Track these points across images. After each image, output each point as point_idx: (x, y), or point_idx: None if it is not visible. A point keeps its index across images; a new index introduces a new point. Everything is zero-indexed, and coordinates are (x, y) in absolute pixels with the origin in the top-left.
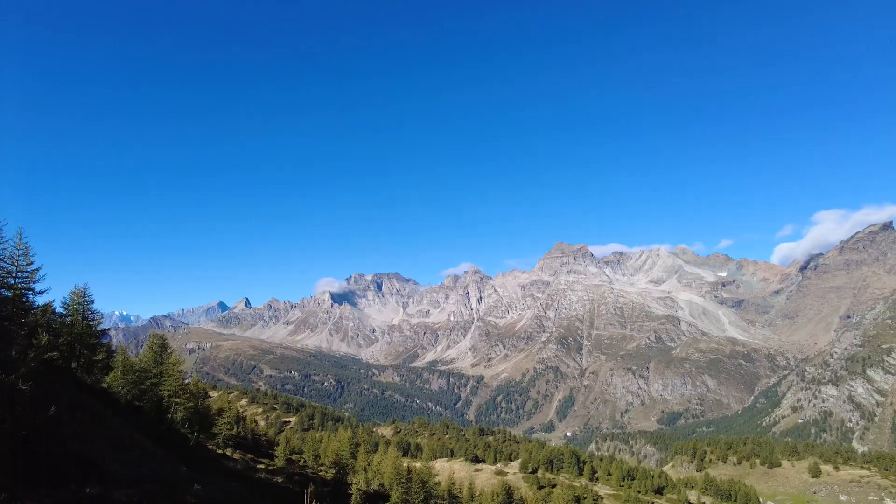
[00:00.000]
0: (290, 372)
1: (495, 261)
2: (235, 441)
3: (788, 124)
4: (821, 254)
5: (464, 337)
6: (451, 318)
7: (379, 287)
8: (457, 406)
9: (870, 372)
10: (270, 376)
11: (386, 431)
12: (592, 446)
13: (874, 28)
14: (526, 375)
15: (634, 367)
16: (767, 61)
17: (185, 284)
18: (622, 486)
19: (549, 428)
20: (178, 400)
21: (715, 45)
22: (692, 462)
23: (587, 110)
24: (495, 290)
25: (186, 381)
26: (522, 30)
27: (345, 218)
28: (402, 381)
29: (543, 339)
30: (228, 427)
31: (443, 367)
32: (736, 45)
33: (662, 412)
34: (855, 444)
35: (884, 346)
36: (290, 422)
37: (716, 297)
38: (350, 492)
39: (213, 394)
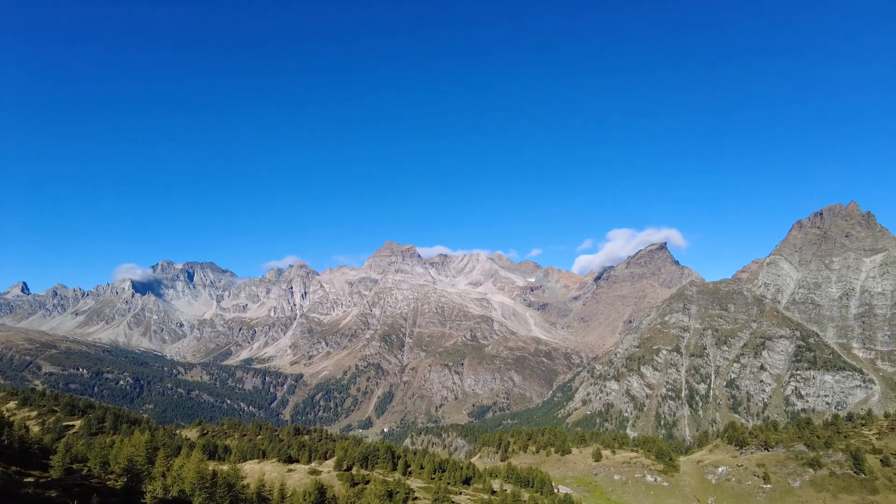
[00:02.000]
0: (78, 369)
1: (324, 256)
2: None
3: (595, 155)
4: (612, 266)
5: (284, 334)
6: (272, 314)
7: (191, 277)
8: (272, 406)
9: (643, 369)
10: (51, 374)
11: (191, 434)
12: (408, 441)
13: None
14: (347, 373)
15: (451, 364)
16: (570, 97)
17: None
18: (433, 478)
19: (367, 424)
20: None
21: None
22: (497, 452)
23: (415, 121)
24: (321, 286)
25: None
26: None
27: (152, 197)
28: (212, 380)
29: (368, 336)
30: None
31: (259, 366)
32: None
33: (474, 406)
34: (629, 430)
35: (654, 347)
36: (73, 426)
37: (525, 300)
38: (144, 501)
39: None
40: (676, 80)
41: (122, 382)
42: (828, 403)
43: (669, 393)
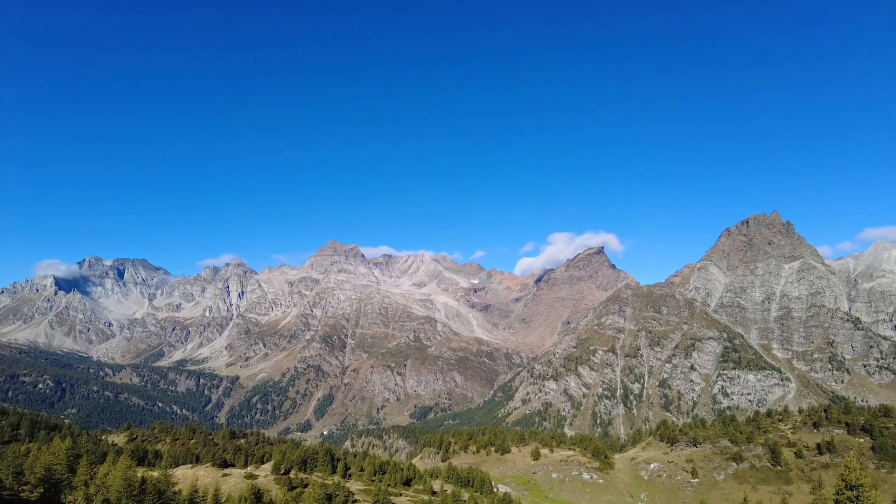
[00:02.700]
0: None
1: (263, 255)
2: None
3: (536, 160)
4: (553, 269)
5: (220, 334)
6: (207, 314)
7: (121, 275)
8: (206, 409)
9: (580, 369)
10: None
11: (118, 439)
12: (348, 443)
13: (573, 82)
14: (286, 375)
15: (393, 365)
16: (512, 105)
17: None
18: (374, 480)
19: (307, 427)
20: None
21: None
22: (438, 453)
23: (359, 119)
24: (260, 286)
25: None
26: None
27: (79, 191)
28: (143, 383)
29: (308, 337)
30: None
31: (193, 367)
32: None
33: (416, 407)
34: (566, 429)
35: (591, 348)
36: None
37: (468, 301)
38: None
39: None
40: (613, 92)
41: (40, 386)
42: (750, 401)
43: (605, 392)
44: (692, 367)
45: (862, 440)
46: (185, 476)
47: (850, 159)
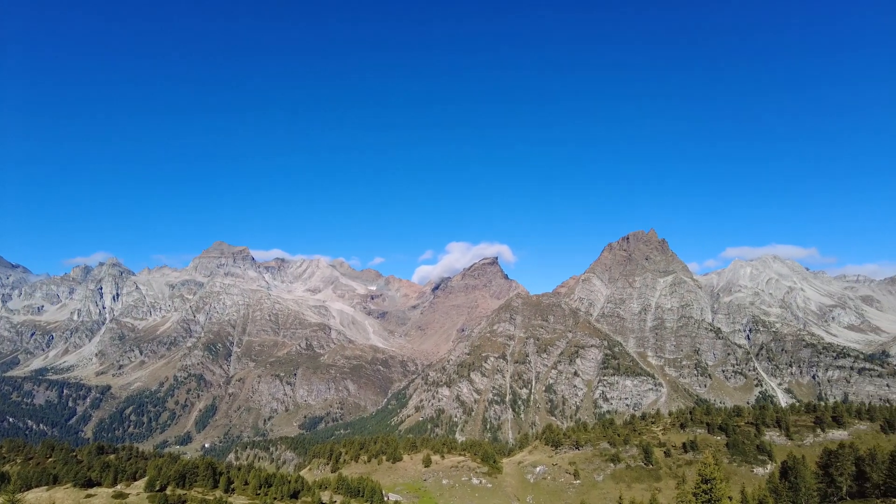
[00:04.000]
0: None
1: (142, 255)
2: None
3: (435, 168)
4: (449, 277)
5: (90, 340)
6: (76, 318)
7: None
8: (70, 423)
9: (472, 375)
10: None
11: None
12: (232, 456)
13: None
14: (165, 384)
15: (282, 374)
16: (413, 111)
17: None
18: (259, 494)
19: (187, 440)
20: None
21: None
22: (328, 464)
23: (251, 110)
24: (138, 288)
25: None
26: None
27: None
28: None
29: (190, 344)
30: None
31: (55, 376)
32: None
33: (305, 417)
34: (458, 435)
35: (483, 355)
36: None
37: (364, 308)
38: None
39: None
40: (506, 115)
41: None
42: (627, 405)
43: (496, 398)
44: (576, 373)
45: (719, 438)
46: (38, 500)
47: (715, 184)
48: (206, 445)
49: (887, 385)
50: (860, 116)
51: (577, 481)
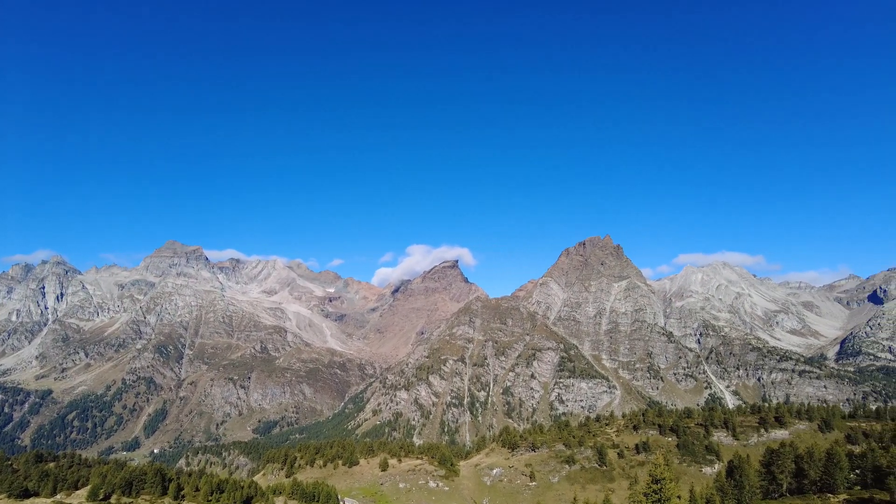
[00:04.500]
0: None
1: (89, 253)
2: None
3: (396, 170)
4: (410, 280)
5: (30, 342)
6: (14, 318)
7: None
8: (5, 429)
9: (431, 378)
10: None
11: None
12: (182, 462)
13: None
14: (112, 388)
15: (236, 377)
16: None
17: None
18: (210, 500)
19: (134, 446)
20: None
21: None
22: (283, 469)
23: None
24: (84, 287)
25: None
26: None
27: None
28: None
29: (139, 346)
30: None
31: None
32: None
33: (260, 421)
34: (415, 438)
35: (442, 358)
36: None
37: (322, 310)
38: None
39: None
40: (468, 118)
41: None
42: (582, 407)
43: (454, 401)
44: (533, 376)
45: (670, 439)
46: None
47: (669, 192)
48: (156, 451)
49: (824, 386)
50: (804, 128)
51: (533, 483)
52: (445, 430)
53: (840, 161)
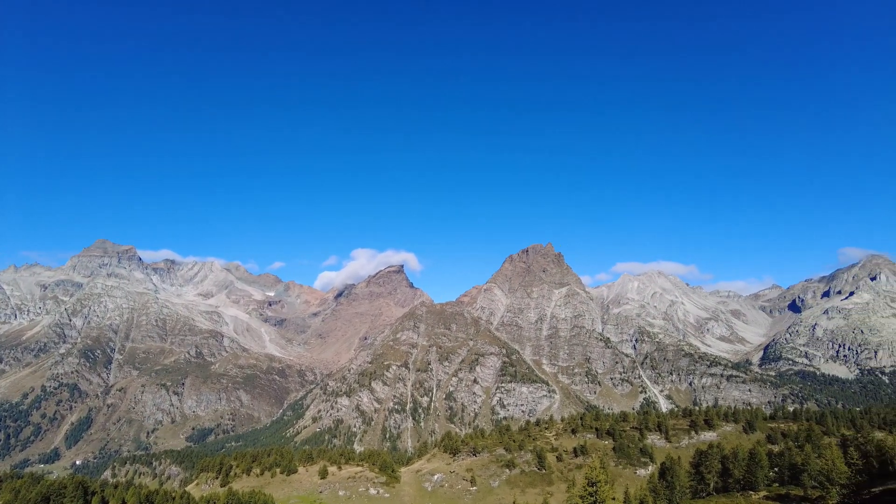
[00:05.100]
0: None
1: (8, 251)
2: None
3: (341, 174)
4: (354, 284)
5: None
6: None
7: None
8: None
9: (374, 384)
10: None
11: None
12: (108, 473)
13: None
14: (29, 395)
15: (169, 384)
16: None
17: None
18: None
19: (54, 457)
20: None
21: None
22: (217, 478)
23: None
24: (1, 288)
25: None
26: None
27: None
28: None
29: (63, 351)
30: None
31: None
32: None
33: (193, 429)
34: (356, 445)
35: (386, 363)
36: None
37: (261, 314)
38: None
39: None
40: (420, 122)
41: None
42: (523, 411)
43: (396, 406)
44: (475, 381)
45: (607, 442)
46: None
47: (608, 202)
48: (78, 463)
49: (749, 390)
50: (734, 143)
51: (474, 488)
52: (387, 436)
53: (768, 175)
